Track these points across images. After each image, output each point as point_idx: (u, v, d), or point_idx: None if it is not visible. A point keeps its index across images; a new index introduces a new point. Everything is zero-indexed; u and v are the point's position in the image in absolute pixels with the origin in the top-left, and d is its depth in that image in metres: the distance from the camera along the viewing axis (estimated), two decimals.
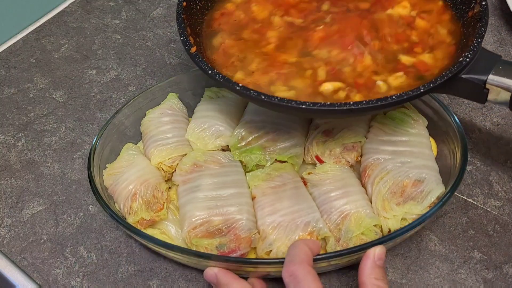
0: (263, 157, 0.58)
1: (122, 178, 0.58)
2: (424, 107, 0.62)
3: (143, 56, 0.81)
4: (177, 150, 0.60)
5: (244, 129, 0.60)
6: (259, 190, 0.56)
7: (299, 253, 0.46)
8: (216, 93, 0.67)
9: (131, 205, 0.56)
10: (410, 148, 0.57)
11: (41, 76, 0.80)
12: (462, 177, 0.53)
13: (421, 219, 0.51)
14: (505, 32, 0.79)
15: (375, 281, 0.46)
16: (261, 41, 0.60)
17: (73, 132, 0.71)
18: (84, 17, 0.89)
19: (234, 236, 0.52)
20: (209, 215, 0.53)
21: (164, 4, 0.90)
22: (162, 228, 0.57)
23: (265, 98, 0.50)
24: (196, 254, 0.51)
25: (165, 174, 0.60)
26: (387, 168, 0.56)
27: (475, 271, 0.55)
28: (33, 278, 0.57)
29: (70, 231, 0.61)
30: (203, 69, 0.53)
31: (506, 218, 0.59)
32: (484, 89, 0.51)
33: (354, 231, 0.52)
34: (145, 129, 0.64)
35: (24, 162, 0.68)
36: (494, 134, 0.66)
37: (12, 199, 0.65)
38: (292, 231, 0.52)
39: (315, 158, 0.59)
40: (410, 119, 0.60)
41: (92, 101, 0.75)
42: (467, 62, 0.51)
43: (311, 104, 0.49)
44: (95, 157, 0.59)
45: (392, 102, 0.49)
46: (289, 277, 0.45)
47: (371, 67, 0.56)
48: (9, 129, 0.73)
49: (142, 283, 0.56)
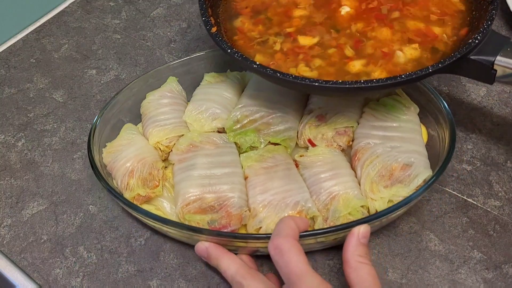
0: (257, 139, 0.60)
1: (120, 156, 0.60)
2: (416, 94, 0.63)
3: (143, 56, 0.81)
4: (175, 130, 0.62)
5: (240, 112, 0.62)
6: (252, 170, 0.58)
7: (285, 227, 0.48)
8: (215, 78, 0.69)
9: (128, 181, 0.58)
10: (400, 133, 0.59)
11: (41, 76, 0.80)
12: (449, 160, 0.54)
13: (406, 200, 0.52)
14: (505, 32, 0.79)
15: (358, 257, 0.48)
16: (283, 23, 0.62)
17: (73, 132, 0.71)
18: (84, 17, 0.89)
19: (226, 213, 0.54)
20: (202, 192, 0.55)
21: (164, 4, 0.90)
22: (157, 205, 0.58)
23: (281, 76, 0.52)
24: (189, 228, 0.53)
25: (162, 153, 0.62)
26: (377, 152, 0.57)
27: (475, 271, 0.55)
28: (33, 278, 0.57)
29: (70, 231, 0.61)
30: (223, 49, 0.56)
31: (506, 218, 0.59)
32: (492, 69, 0.52)
33: (341, 211, 0.53)
34: (144, 111, 0.66)
35: (24, 162, 0.68)
36: (494, 134, 0.66)
37: (12, 199, 0.65)
38: (281, 210, 0.54)
39: (308, 141, 0.61)
40: (402, 106, 0.61)
41: (92, 101, 0.75)
42: (476, 43, 0.53)
43: (323, 82, 0.51)
44: (95, 136, 0.61)
45: (401, 81, 0.51)
46: (274, 249, 0.46)
47: (390, 38, 0.58)
48: (9, 129, 0.73)
49: (142, 283, 0.56)
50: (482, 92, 0.71)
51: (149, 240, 0.59)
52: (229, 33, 0.62)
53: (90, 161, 0.58)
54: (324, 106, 0.62)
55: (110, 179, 0.59)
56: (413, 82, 0.52)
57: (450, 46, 0.57)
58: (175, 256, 0.58)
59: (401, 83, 0.51)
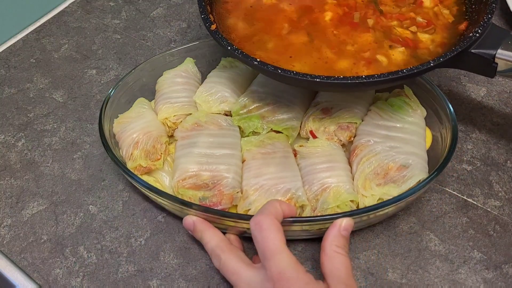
0: (260, 125, 0.62)
1: (128, 127, 0.63)
2: (424, 95, 0.63)
3: (143, 56, 0.81)
4: (183, 109, 0.65)
5: (248, 98, 0.64)
6: (250, 154, 0.60)
7: (270, 207, 0.49)
8: (230, 63, 0.71)
9: (132, 152, 0.61)
10: (402, 134, 0.59)
11: (41, 76, 0.80)
12: (445, 165, 0.54)
13: (395, 199, 0.52)
14: None
15: (335, 247, 0.49)
16: (272, 25, 0.62)
17: (73, 132, 0.71)
18: (84, 17, 0.89)
19: (218, 192, 0.56)
20: (199, 170, 0.57)
21: (164, 4, 0.90)
22: (157, 177, 0.61)
23: (282, 72, 0.53)
24: (180, 202, 0.55)
25: (169, 129, 0.64)
26: (376, 150, 0.57)
27: (475, 271, 0.55)
28: (33, 278, 0.57)
29: (70, 231, 0.61)
30: (223, 46, 0.57)
31: (506, 218, 0.59)
32: (493, 63, 0.52)
33: (330, 203, 0.54)
34: (159, 87, 0.69)
35: (24, 162, 0.68)
36: (494, 134, 0.66)
37: (12, 199, 0.65)
38: (272, 195, 0.55)
39: (310, 132, 0.62)
40: (409, 107, 0.62)
41: (92, 101, 0.75)
42: (477, 37, 0.53)
43: (325, 78, 0.51)
44: (107, 107, 0.64)
45: (402, 75, 0.51)
46: (255, 225, 0.48)
47: (372, 42, 0.58)
48: (9, 129, 0.73)
49: (142, 283, 0.56)
50: (482, 92, 0.71)
51: (149, 240, 0.59)
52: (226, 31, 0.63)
53: (99, 131, 0.61)
54: (331, 100, 0.63)
55: (117, 149, 0.62)
56: (414, 77, 0.52)
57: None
58: (175, 256, 0.58)
59: (402, 78, 0.51)
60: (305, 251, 0.57)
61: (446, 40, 0.58)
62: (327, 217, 0.52)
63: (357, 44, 0.59)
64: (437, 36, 0.59)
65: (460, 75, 0.74)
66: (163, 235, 0.60)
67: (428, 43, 0.58)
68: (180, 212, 0.58)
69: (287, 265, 0.45)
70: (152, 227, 0.60)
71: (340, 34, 0.60)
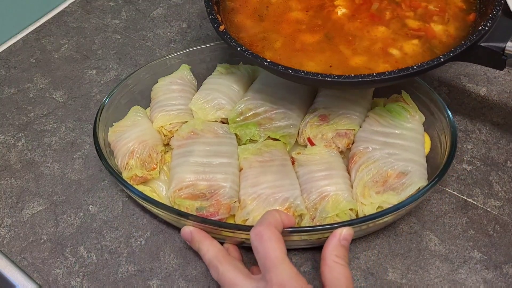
0: (257, 132, 0.61)
1: (124, 136, 0.62)
2: (422, 101, 0.63)
3: (143, 56, 0.81)
4: (179, 117, 0.64)
5: (245, 105, 0.63)
6: (247, 162, 0.59)
7: (270, 217, 0.49)
8: (227, 69, 0.70)
9: (128, 161, 0.60)
10: (401, 141, 0.58)
11: (41, 76, 0.80)
12: (445, 172, 0.54)
13: (394, 208, 0.52)
14: None
15: (335, 257, 0.49)
16: (281, 23, 0.62)
17: (73, 132, 0.71)
18: (84, 17, 0.89)
19: (215, 201, 0.55)
20: (196, 179, 0.56)
21: (164, 4, 0.90)
22: (153, 187, 0.60)
23: (292, 72, 0.52)
24: (176, 212, 0.54)
25: (164, 138, 0.64)
26: (374, 157, 0.57)
27: (475, 271, 0.55)
28: (33, 278, 0.57)
29: (70, 231, 0.61)
30: (232, 46, 0.56)
31: (506, 218, 0.59)
32: (502, 56, 0.52)
33: (329, 212, 0.54)
34: (154, 95, 0.68)
35: (24, 162, 0.68)
36: (494, 134, 0.66)
37: (12, 199, 0.65)
38: (270, 204, 0.54)
39: (307, 140, 0.61)
40: (407, 113, 0.61)
41: (92, 101, 0.75)
42: (486, 30, 0.52)
43: (335, 77, 0.51)
44: (103, 114, 0.63)
45: (413, 72, 0.51)
46: (255, 235, 0.47)
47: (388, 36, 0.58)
48: (9, 129, 0.73)
49: (142, 283, 0.56)
50: (482, 92, 0.71)
51: (149, 240, 0.59)
52: (234, 29, 0.62)
53: (94, 139, 0.60)
54: (329, 107, 0.62)
55: (112, 158, 0.61)
56: (424, 72, 0.52)
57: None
58: (175, 256, 0.58)
59: (413, 74, 0.51)
60: (305, 251, 0.57)
61: (459, 32, 0.58)
62: (326, 227, 0.51)
63: (372, 39, 0.58)
64: (450, 27, 0.58)
65: (460, 75, 0.74)
66: (163, 235, 0.60)
67: (441, 34, 0.57)
68: (176, 222, 0.57)
69: (288, 277, 0.45)
70: (152, 227, 0.60)
71: (354, 29, 0.59)
